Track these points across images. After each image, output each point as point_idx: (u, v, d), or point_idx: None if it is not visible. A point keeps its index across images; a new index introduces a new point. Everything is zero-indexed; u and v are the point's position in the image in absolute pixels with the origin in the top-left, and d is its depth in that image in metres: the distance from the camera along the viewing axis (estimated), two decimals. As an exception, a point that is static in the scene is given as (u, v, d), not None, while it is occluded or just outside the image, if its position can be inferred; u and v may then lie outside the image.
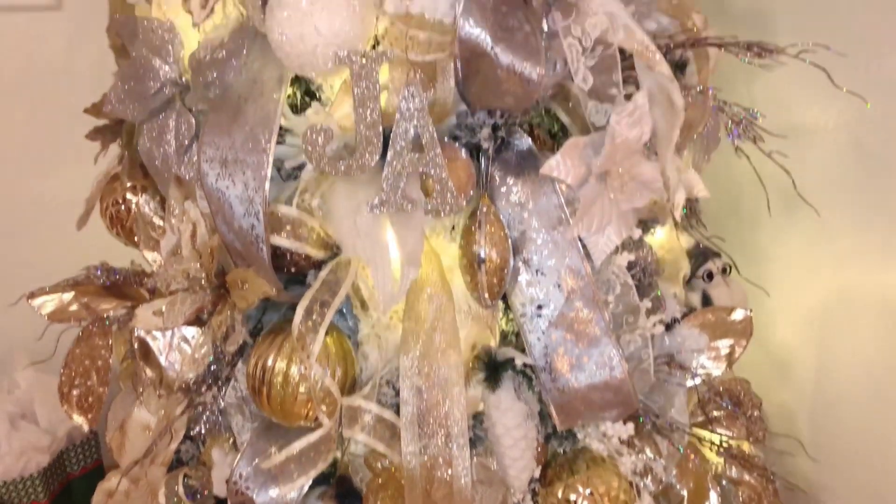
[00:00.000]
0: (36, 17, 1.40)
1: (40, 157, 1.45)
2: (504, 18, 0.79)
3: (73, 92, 1.39)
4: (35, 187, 1.45)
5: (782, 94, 1.15)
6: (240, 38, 0.85)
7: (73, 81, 1.41)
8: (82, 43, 1.40)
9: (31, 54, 1.41)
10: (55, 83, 1.42)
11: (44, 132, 1.43)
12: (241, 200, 0.84)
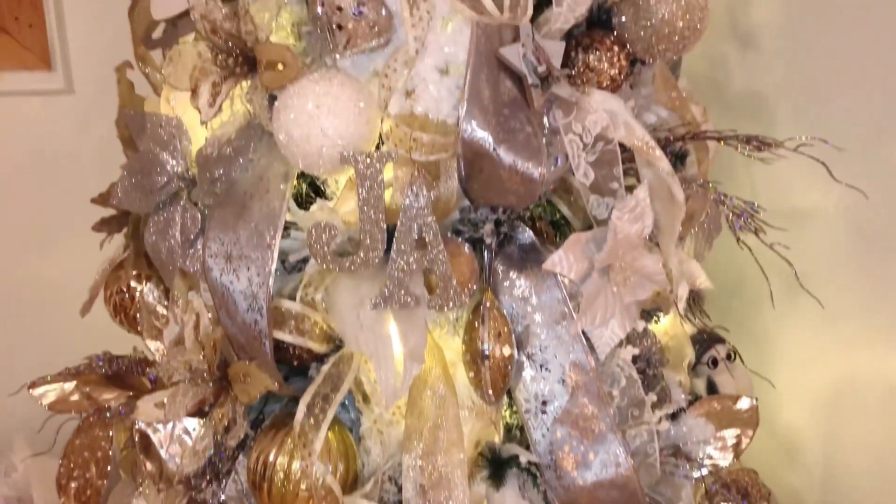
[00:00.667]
0: (48, 100, 1.43)
1: (45, 241, 1.46)
2: (506, 120, 0.81)
3: (82, 175, 1.42)
4: (39, 271, 1.46)
5: (782, 179, 1.16)
6: (247, 136, 0.87)
7: (81, 164, 1.44)
8: (92, 126, 1.42)
9: (41, 137, 1.43)
10: (64, 166, 1.44)
11: (50, 215, 1.44)
12: (244, 296, 0.84)
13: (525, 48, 0.83)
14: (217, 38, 0.85)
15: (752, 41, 1.26)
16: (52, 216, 1.44)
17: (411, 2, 0.81)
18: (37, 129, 1.44)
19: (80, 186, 1.40)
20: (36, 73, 1.38)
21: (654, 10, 0.87)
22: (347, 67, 0.86)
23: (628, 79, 0.93)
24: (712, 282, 1.02)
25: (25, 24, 1.35)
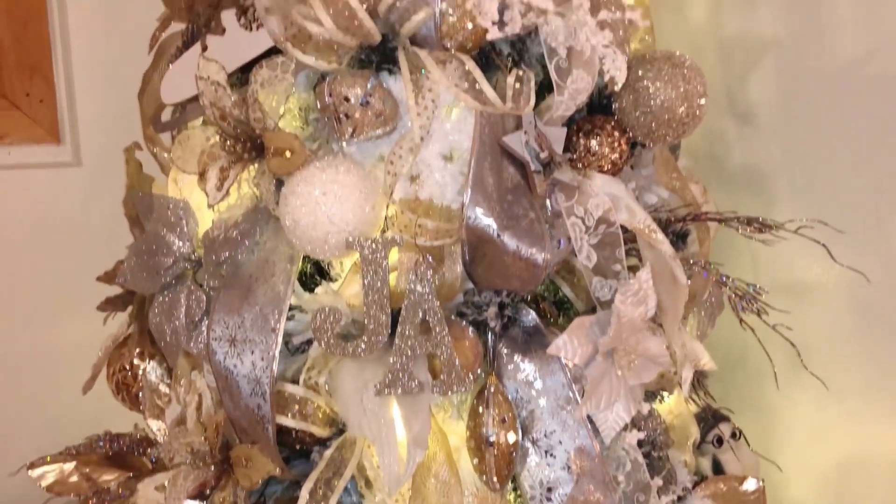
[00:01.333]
0: (56, 172, 1.44)
1: (49, 314, 1.46)
2: (510, 206, 0.82)
3: (88, 247, 1.43)
4: (42, 345, 1.46)
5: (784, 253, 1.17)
6: (253, 219, 0.88)
7: (87, 236, 1.44)
8: (99, 198, 1.44)
9: (48, 209, 1.45)
10: (70, 238, 1.45)
11: (55, 288, 1.45)
12: (248, 380, 0.84)
13: (527, 135, 0.85)
14: (226, 124, 0.87)
15: (750, 118, 1.28)
16: (56, 289, 1.44)
17: (416, 91, 0.83)
18: (44, 201, 1.45)
19: (85, 259, 1.42)
20: (44, 147, 1.40)
21: (653, 97, 0.89)
22: (353, 152, 0.87)
23: (629, 161, 0.95)
24: (714, 358, 1.02)
25: (36, 99, 1.37)
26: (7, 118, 1.36)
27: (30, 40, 1.35)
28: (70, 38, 1.36)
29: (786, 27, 1.22)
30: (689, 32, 1.34)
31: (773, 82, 1.25)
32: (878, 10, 1.10)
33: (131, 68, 1.23)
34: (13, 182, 1.42)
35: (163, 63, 1.06)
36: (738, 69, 1.29)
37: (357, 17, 0.80)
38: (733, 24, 1.30)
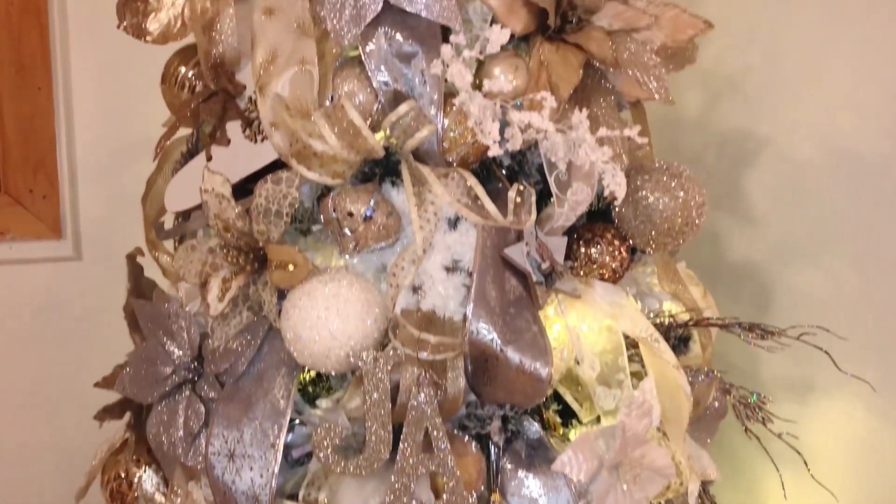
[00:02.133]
0: (56, 266, 1.44)
1: (48, 406, 1.44)
2: (512, 320, 0.82)
3: (86, 340, 1.43)
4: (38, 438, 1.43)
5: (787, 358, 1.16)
6: (254, 331, 0.87)
7: (86, 329, 1.44)
8: (99, 291, 1.43)
9: (48, 302, 1.44)
10: (68, 330, 1.44)
11: (52, 381, 1.43)
12: (246, 497, 0.83)
13: (529, 246, 0.86)
14: (229, 235, 0.88)
15: (746, 213, 1.29)
16: (55, 382, 1.43)
17: (419, 203, 0.84)
18: (43, 295, 1.45)
19: (84, 352, 1.42)
20: (45, 242, 1.41)
21: (652, 207, 0.90)
22: (355, 263, 0.88)
23: (630, 268, 0.95)
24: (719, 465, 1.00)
25: (39, 195, 1.39)
26: (9, 214, 1.37)
27: (36, 137, 1.37)
28: (75, 135, 1.38)
29: (781, 122, 1.24)
30: (685, 127, 1.36)
31: (770, 177, 1.27)
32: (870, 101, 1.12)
33: (134, 164, 1.26)
34: (13, 276, 1.42)
35: (167, 167, 1.07)
36: (733, 164, 1.31)
37: (361, 135, 0.81)
38: (727, 119, 1.33)
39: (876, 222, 1.12)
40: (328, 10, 0.85)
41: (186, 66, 1.05)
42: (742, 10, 1.27)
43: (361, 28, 0.84)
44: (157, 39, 1.01)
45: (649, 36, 0.92)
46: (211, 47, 0.96)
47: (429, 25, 0.86)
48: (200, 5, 0.97)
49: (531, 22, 0.88)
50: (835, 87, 1.15)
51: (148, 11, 1.00)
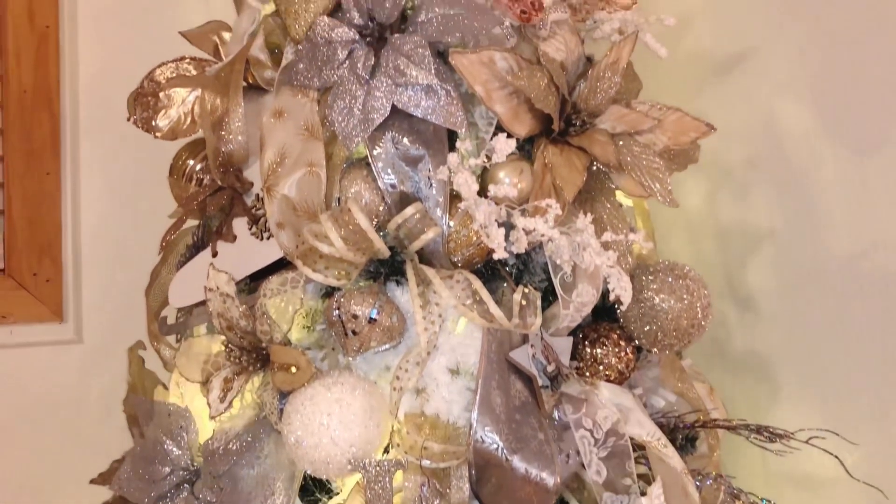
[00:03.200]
0: (56, 349, 1.43)
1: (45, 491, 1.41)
2: (518, 427, 0.81)
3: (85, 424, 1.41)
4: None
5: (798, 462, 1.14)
6: (255, 432, 0.86)
7: (85, 413, 1.42)
8: (99, 375, 1.42)
9: (47, 385, 1.42)
10: (68, 414, 1.42)
11: (52, 465, 1.40)
12: None
13: (534, 348, 0.85)
14: (232, 334, 0.87)
15: (750, 304, 1.29)
16: (54, 467, 1.40)
17: (423, 304, 0.84)
18: (43, 378, 1.43)
19: (83, 436, 1.40)
20: (47, 325, 1.40)
21: (658, 308, 0.90)
22: (359, 363, 0.87)
23: (635, 369, 0.94)
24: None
25: (43, 278, 1.39)
26: (12, 298, 1.37)
27: (42, 221, 1.38)
28: (81, 220, 1.39)
29: (781, 218, 1.25)
30: (687, 220, 1.37)
31: (771, 271, 1.27)
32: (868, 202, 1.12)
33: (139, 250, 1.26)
34: (13, 360, 1.41)
35: (172, 258, 1.08)
36: (736, 256, 1.31)
37: (368, 238, 0.82)
38: (729, 213, 1.34)
39: (885, 323, 1.11)
40: (337, 114, 0.86)
41: (195, 159, 1.07)
42: (745, 102, 1.29)
43: (369, 132, 0.85)
44: (166, 136, 1.03)
45: (652, 138, 0.93)
46: (220, 144, 0.97)
47: (435, 129, 0.87)
48: (210, 103, 0.99)
49: (535, 126, 0.89)
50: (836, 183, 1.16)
51: (158, 108, 1.02)
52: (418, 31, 0.85)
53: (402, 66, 0.84)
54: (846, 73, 1.13)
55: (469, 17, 0.85)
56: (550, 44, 0.92)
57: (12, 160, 1.37)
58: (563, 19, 0.93)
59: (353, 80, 0.87)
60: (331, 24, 0.88)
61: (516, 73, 0.85)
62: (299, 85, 0.90)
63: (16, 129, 1.37)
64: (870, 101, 1.11)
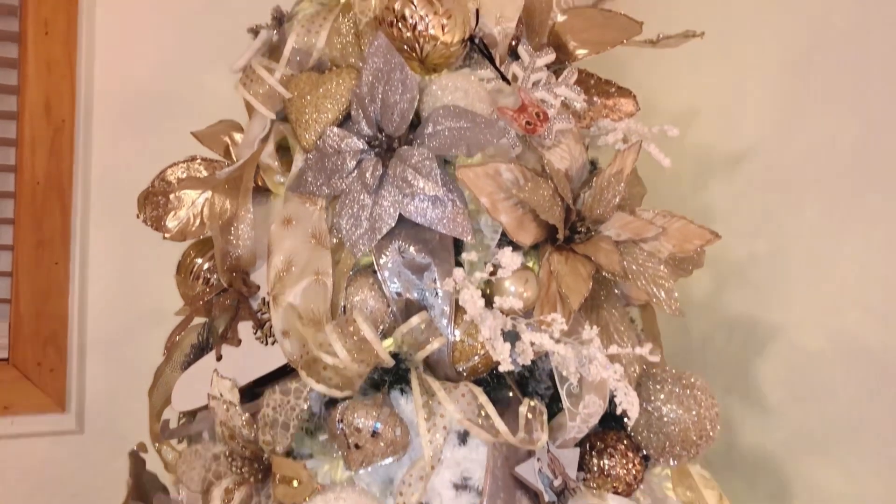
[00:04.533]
0: (57, 439, 1.42)
1: None
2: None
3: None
4: None
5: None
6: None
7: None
8: (100, 466, 1.41)
9: (49, 476, 1.41)
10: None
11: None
12: None
13: (540, 462, 0.84)
14: (234, 443, 0.86)
15: (760, 402, 1.27)
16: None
17: (428, 416, 0.83)
18: (43, 468, 1.42)
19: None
20: (49, 415, 1.39)
21: (666, 420, 0.89)
22: (362, 475, 0.85)
23: (643, 480, 0.92)
24: None
25: (47, 368, 1.38)
26: (15, 389, 1.36)
27: (49, 311, 1.38)
28: (87, 310, 1.39)
29: (788, 313, 1.24)
30: (692, 310, 1.37)
31: (779, 365, 1.26)
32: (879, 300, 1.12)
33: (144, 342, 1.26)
34: (14, 450, 1.39)
35: (176, 356, 1.07)
36: (743, 350, 1.30)
37: (372, 349, 0.81)
38: (736, 304, 1.33)
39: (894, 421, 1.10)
40: (344, 222, 0.87)
41: (203, 257, 1.08)
42: (748, 198, 1.30)
43: (376, 240, 0.86)
44: (174, 237, 1.03)
45: (657, 246, 0.93)
46: (227, 247, 0.98)
47: (441, 238, 0.88)
48: (220, 206, 1.00)
49: (540, 233, 0.90)
50: (842, 283, 1.16)
51: (169, 209, 1.03)
52: (426, 143, 0.87)
53: (410, 177, 0.85)
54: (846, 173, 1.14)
55: (475, 129, 0.87)
56: (555, 152, 0.94)
57: (22, 250, 1.38)
58: (568, 128, 0.95)
59: (361, 190, 0.88)
60: (340, 135, 0.90)
61: (521, 185, 0.86)
62: (308, 193, 0.91)
63: (27, 220, 1.39)
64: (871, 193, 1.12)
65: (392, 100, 0.88)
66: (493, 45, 0.97)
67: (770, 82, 1.26)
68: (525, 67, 0.96)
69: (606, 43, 1.00)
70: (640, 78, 1.30)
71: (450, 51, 0.92)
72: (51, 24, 1.39)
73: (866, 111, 1.11)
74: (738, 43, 1.31)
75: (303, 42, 0.96)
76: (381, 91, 0.88)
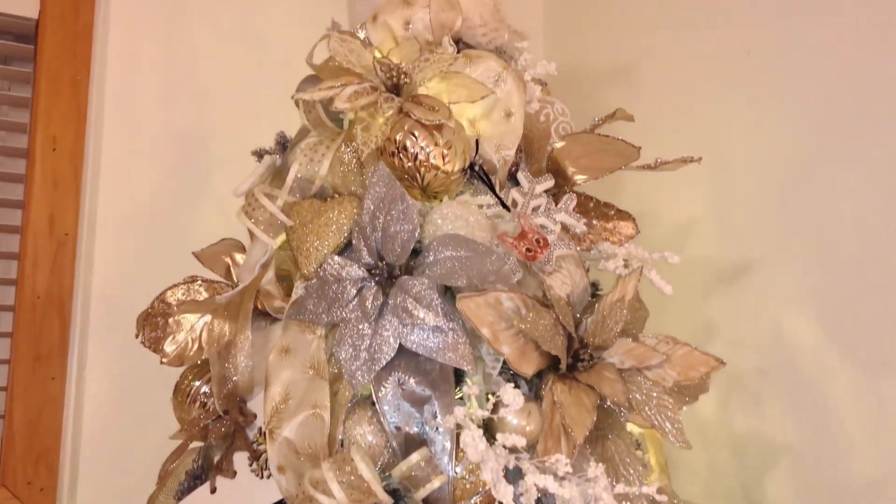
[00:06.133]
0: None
1: None
2: None
3: None
4: None
5: None
6: None
7: None
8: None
9: None
10: None
11: None
12: None
13: None
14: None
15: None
16: None
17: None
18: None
19: None
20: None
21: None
22: None
23: None
24: None
25: (37, 487, 1.34)
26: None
27: (42, 428, 1.36)
28: (82, 428, 1.36)
29: (797, 431, 1.22)
30: (700, 428, 1.34)
31: (788, 485, 1.22)
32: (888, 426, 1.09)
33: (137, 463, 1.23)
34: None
35: (171, 482, 1.04)
36: (751, 467, 1.27)
37: (370, 489, 0.79)
38: (743, 422, 1.31)
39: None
40: (343, 353, 0.86)
41: (200, 380, 1.06)
42: (752, 312, 1.29)
43: (375, 371, 0.85)
44: (172, 361, 1.02)
45: (662, 374, 0.92)
46: (225, 373, 0.96)
47: (442, 368, 0.86)
48: (219, 330, 1.00)
49: (543, 362, 0.88)
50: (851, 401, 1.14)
51: (167, 333, 1.02)
52: (426, 273, 0.87)
53: (411, 307, 0.85)
54: (849, 293, 1.14)
55: (475, 258, 0.87)
56: (556, 278, 0.94)
57: (18, 365, 1.37)
58: (568, 254, 0.95)
59: (360, 319, 0.87)
60: (341, 263, 0.90)
61: (523, 315, 0.86)
62: (308, 321, 0.90)
63: (25, 334, 1.37)
64: (875, 321, 1.11)
65: (393, 230, 0.88)
66: (492, 172, 0.99)
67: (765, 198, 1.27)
68: (524, 193, 0.97)
69: (605, 169, 1.01)
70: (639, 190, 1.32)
71: (450, 179, 0.93)
72: (59, 140, 1.42)
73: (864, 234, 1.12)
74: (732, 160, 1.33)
75: (306, 170, 0.97)
76: (383, 221, 0.89)
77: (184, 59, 1.49)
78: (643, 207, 1.37)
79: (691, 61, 1.43)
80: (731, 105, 1.33)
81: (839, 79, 1.15)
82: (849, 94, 1.14)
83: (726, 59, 1.35)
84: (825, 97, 1.17)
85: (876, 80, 1.10)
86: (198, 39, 1.51)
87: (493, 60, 0.99)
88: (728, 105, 1.34)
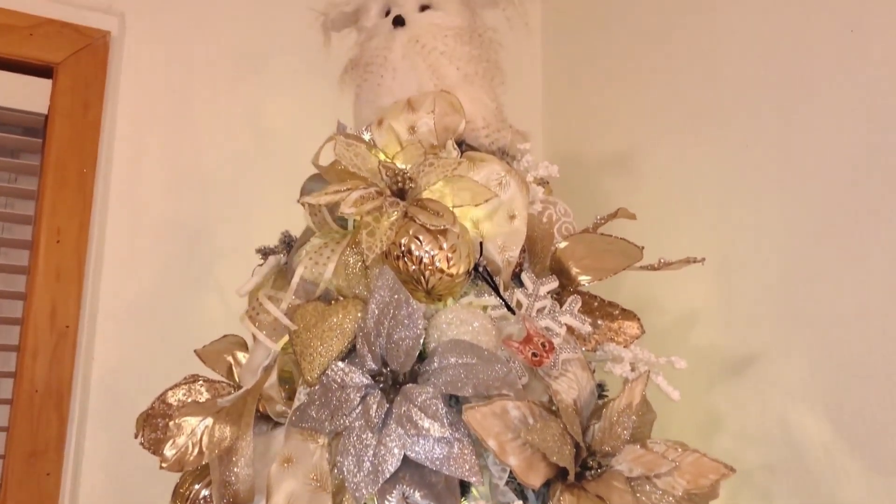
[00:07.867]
0: None
1: None
2: None
3: None
4: None
5: None
6: None
7: None
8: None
9: None
10: None
11: None
12: None
13: None
14: None
15: None
16: None
17: None
18: None
19: None
20: None
21: None
22: None
23: None
24: None
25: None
26: None
27: None
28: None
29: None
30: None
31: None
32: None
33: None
34: None
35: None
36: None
37: None
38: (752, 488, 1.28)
39: None
40: (347, 462, 0.85)
41: (201, 483, 1.04)
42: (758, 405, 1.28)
43: (379, 484, 0.83)
44: (171, 466, 1.00)
45: (671, 482, 0.90)
46: (225, 479, 0.94)
47: (447, 480, 0.85)
48: (219, 434, 0.98)
49: (550, 473, 0.87)
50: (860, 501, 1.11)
51: (167, 436, 1.01)
52: (431, 381, 0.86)
53: (416, 417, 0.84)
54: (855, 390, 1.13)
55: (481, 365, 0.86)
56: (562, 382, 0.93)
57: (13, 460, 1.34)
58: (574, 357, 0.94)
59: (364, 428, 0.86)
60: (345, 370, 0.89)
61: (530, 425, 0.84)
62: (311, 429, 0.89)
63: (22, 429, 1.35)
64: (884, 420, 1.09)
65: (397, 336, 0.88)
66: (496, 273, 0.99)
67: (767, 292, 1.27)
68: (529, 295, 0.96)
69: (609, 270, 1.01)
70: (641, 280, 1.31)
71: (455, 282, 0.93)
72: (63, 232, 1.42)
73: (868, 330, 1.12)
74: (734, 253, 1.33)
75: (310, 273, 0.97)
76: (387, 327, 0.88)
77: (189, 152, 1.51)
78: (646, 297, 1.37)
79: (691, 154, 1.45)
80: (733, 198, 1.35)
81: (841, 171, 1.17)
82: (850, 188, 1.15)
83: (726, 151, 1.37)
84: (827, 190, 1.18)
85: (877, 174, 1.12)
86: (203, 132, 1.53)
87: (496, 163, 1.01)
88: (729, 198, 1.35)
